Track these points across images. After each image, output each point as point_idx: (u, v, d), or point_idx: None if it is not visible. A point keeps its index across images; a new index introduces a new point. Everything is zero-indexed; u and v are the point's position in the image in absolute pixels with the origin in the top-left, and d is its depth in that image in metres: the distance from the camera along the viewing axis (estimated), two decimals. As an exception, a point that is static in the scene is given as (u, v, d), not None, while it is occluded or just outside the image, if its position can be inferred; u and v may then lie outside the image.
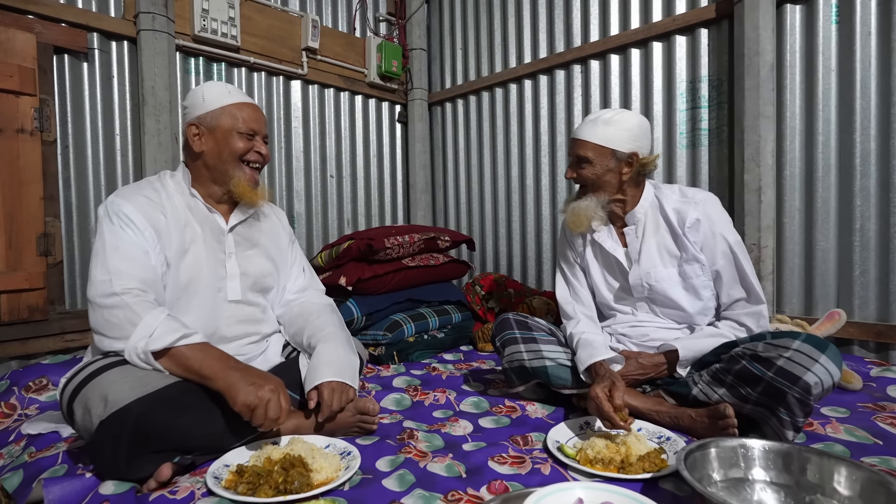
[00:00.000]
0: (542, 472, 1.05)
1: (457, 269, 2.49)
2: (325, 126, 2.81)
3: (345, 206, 2.89)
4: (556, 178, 2.63)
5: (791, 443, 1.06)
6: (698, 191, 1.41)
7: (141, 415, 0.97)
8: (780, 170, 1.88)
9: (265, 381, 1.07)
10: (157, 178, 1.32)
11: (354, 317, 2.03)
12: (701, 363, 1.31)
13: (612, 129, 1.35)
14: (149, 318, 1.08)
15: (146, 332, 1.06)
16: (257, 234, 1.41)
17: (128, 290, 1.10)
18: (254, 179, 1.33)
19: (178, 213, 1.26)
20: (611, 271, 1.50)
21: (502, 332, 1.50)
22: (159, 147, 1.99)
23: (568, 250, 1.59)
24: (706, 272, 1.37)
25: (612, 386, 1.18)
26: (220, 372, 1.06)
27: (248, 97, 1.34)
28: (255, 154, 1.32)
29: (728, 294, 1.37)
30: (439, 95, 3.14)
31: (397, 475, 1.02)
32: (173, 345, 1.06)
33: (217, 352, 1.11)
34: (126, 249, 1.16)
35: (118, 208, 1.19)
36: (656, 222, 1.42)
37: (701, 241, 1.36)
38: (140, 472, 0.98)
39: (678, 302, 1.39)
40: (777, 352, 1.10)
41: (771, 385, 1.09)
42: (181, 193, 1.30)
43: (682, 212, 1.37)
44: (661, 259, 1.40)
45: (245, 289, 1.34)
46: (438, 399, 1.54)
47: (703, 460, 0.93)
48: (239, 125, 1.28)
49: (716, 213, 1.37)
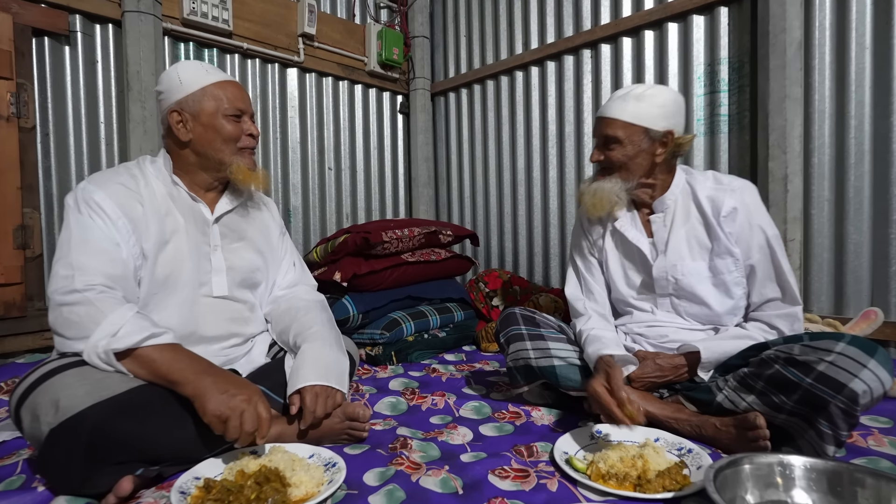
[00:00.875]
0: (549, 488, 0.94)
1: (459, 265, 2.38)
2: (322, 116, 2.70)
3: (344, 200, 2.78)
4: (563, 169, 2.50)
5: (833, 459, 0.93)
6: (735, 178, 1.29)
7: (98, 423, 0.87)
8: (807, 157, 1.75)
9: (240, 389, 0.96)
10: (136, 164, 1.22)
11: (350, 315, 1.92)
12: (726, 367, 1.18)
13: (644, 105, 1.22)
14: (114, 316, 0.97)
15: (109, 331, 0.96)
16: (245, 226, 1.31)
17: (91, 286, 1.00)
18: (252, 163, 1.24)
19: (157, 201, 1.16)
20: (632, 263, 1.37)
21: (507, 328, 1.39)
22: (145, 135, 1.89)
23: (583, 240, 1.46)
24: (739, 267, 1.24)
25: (608, 376, 1.07)
26: (191, 376, 0.96)
27: (227, 74, 1.25)
28: (248, 138, 1.23)
29: (760, 293, 1.24)
30: (442, 85, 3.02)
31: (386, 491, 0.91)
32: (139, 345, 0.96)
33: (188, 354, 1.01)
34: (94, 242, 1.05)
35: (89, 196, 1.09)
36: (687, 210, 1.29)
37: (736, 232, 1.23)
38: (97, 486, 0.88)
39: (706, 299, 1.26)
40: (817, 355, 0.97)
41: (810, 393, 0.96)
42: (162, 181, 1.20)
43: (718, 200, 1.24)
44: (690, 251, 1.27)
45: (232, 284, 1.24)
46: (437, 403, 1.43)
47: (734, 479, 0.81)
48: (224, 106, 1.18)
49: (754, 202, 1.24)
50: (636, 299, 1.37)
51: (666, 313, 1.33)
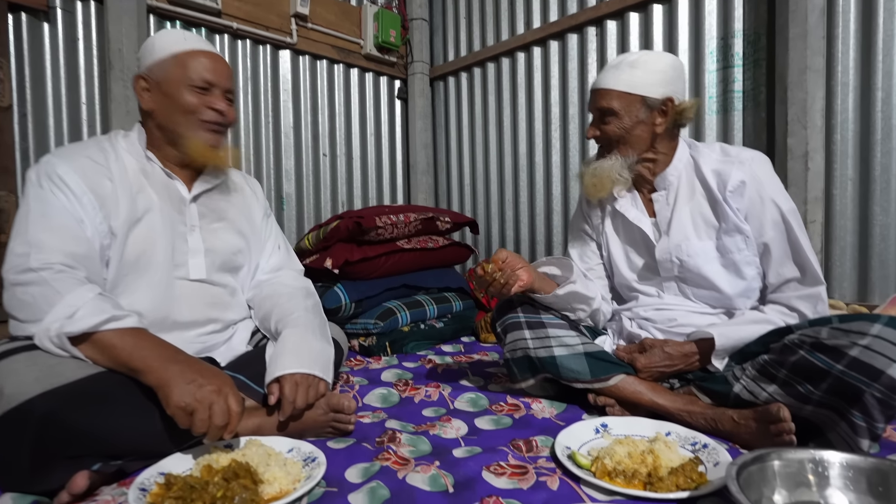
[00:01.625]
0: (549, 486, 0.85)
1: (458, 253, 2.28)
2: (317, 101, 2.61)
3: (339, 187, 2.69)
4: (567, 153, 2.39)
5: (868, 454, 0.83)
6: (744, 149, 1.19)
7: (48, 413, 0.79)
8: (829, 133, 1.64)
9: (209, 378, 0.87)
10: (107, 138, 1.13)
11: (342, 303, 1.83)
12: (743, 354, 1.08)
13: (639, 73, 1.15)
14: (71, 297, 0.89)
15: (64, 313, 0.87)
16: (226, 206, 1.23)
17: (48, 265, 0.91)
18: (213, 139, 1.12)
19: (128, 177, 1.08)
20: (634, 246, 1.29)
21: (504, 316, 1.29)
22: (127, 116, 1.81)
23: (583, 224, 1.38)
24: (750, 246, 1.14)
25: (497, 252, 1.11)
26: (154, 363, 0.87)
27: (210, 45, 1.15)
28: (211, 112, 1.11)
29: (777, 273, 1.14)
30: (441, 69, 2.92)
31: (368, 488, 0.83)
32: (97, 328, 0.87)
33: (153, 340, 0.92)
34: (54, 218, 0.97)
35: (52, 169, 1.01)
36: (691, 186, 1.20)
37: (746, 207, 1.14)
38: (48, 482, 0.80)
39: (714, 281, 1.17)
40: (849, 339, 0.86)
41: (841, 381, 0.86)
42: (134, 156, 1.11)
43: (724, 173, 1.15)
44: (696, 230, 1.18)
45: (211, 267, 1.16)
46: (430, 395, 1.34)
47: (760, 477, 0.71)
48: (189, 76, 1.08)
49: (765, 174, 1.14)
50: (640, 283, 1.29)
51: (673, 296, 1.24)
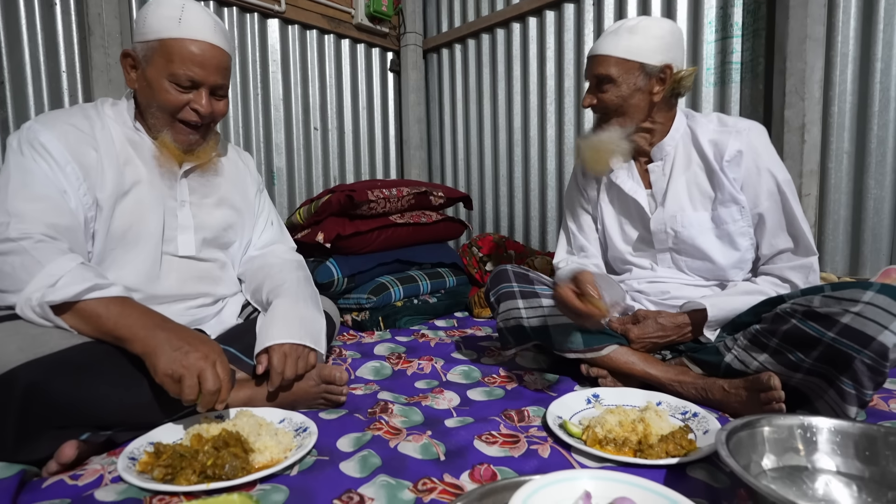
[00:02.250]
0: (540, 454, 0.85)
1: (452, 228, 2.26)
2: (307, 72, 2.54)
3: (331, 161, 2.65)
4: (562, 127, 2.36)
5: (861, 421, 0.83)
6: (742, 119, 1.18)
7: (33, 383, 0.78)
8: (827, 105, 1.61)
9: (197, 345, 0.86)
10: (94, 106, 1.08)
11: (335, 278, 1.81)
12: (735, 325, 1.09)
13: (638, 38, 1.12)
14: (52, 266, 0.86)
15: (46, 282, 0.85)
16: (218, 180, 1.19)
17: (27, 234, 0.88)
18: (186, 141, 1.06)
19: (115, 148, 1.03)
20: (629, 217, 1.28)
21: (498, 286, 1.28)
22: (109, 84, 1.75)
23: (579, 196, 1.37)
24: (745, 216, 1.14)
25: (575, 279, 0.98)
26: (141, 332, 0.85)
27: (207, 30, 1.01)
28: (190, 112, 1.03)
29: (770, 244, 1.14)
30: (435, 41, 2.84)
31: (360, 457, 0.83)
32: (80, 297, 0.85)
33: (139, 308, 0.90)
34: (36, 187, 0.94)
35: (34, 136, 0.96)
36: (688, 156, 1.18)
37: (742, 177, 1.13)
38: (35, 451, 0.80)
39: (708, 252, 1.16)
40: (841, 306, 0.86)
41: (832, 349, 0.86)
42: (122, 126, 1.06)
43: (721, 143, 1.14)
44: (692, 200, 1.17)
45: (200, 243, 1.13)
46: (423, 368, 1.34)
47: (749, 442, 0.71)
48: (175, 70, 0.98)
49: (762, 144, 1.13)
50: (634, 256, 1.28)
51: (667, 269, 1.23)
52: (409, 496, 0.72)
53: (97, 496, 0.72)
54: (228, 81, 1.08)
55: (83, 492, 0.74)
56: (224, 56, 1.04)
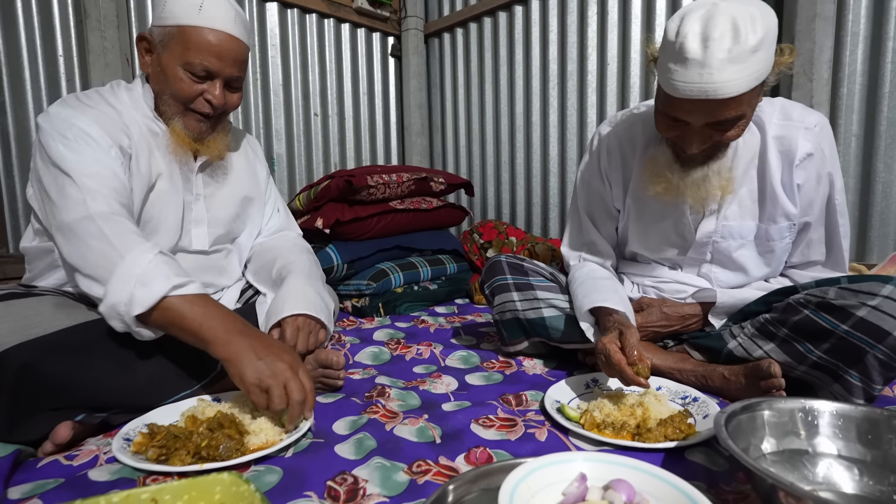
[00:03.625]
0: (537, 437, 0.84)
1: (453, 215, 2.24)
2: (307, 57, 2.51)
3: (331, 148, 2.62)
4: (565, 112, 2.32)
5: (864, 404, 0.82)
6: (807, 111, 1.00)
7: (25, 364, 0.77)
8: (835, 86, 1.58)
9: (281, 354, 0.84)
10: (110, 91, 1.03)
11: (334, 264, 1.80)
12: (743, 313, 1.05)
13: (762, 54, 0.82)
14: (131, 261, 0.83)
15: (127, 288, 0.81)
16: (230, 173, 1.16)
17: (103, 214, 0.86)
18: (197, 130, 1.02)
19: (143, 136, 1.00)
20: (662, 222, 1.11)
21: (492, 278, 1.25)
22: (106, 68, 1.73)
23: (600, 187, 1.18)
24: (793, 232, 1.04)
25: (622, 335, 0.92)
26: (224, 335, 0.83)
27: (227, 21, 0.96)
28: (202, 102, 1.00)
29: (804, 253, 1.07)
30: (436, 24, 2.80)
31: (355, 440, 0.82)
32: (163, 297, 0.82)
33: (219, 308, 0.87)
34: (91, 167, 0.90)
35: (70, 122, 0.92)
36: (750, 156, 1.02)
37: (803, 182, 0.99)
38: (30, 432, 0.80)
39: (745, 265, 1.07)
40: (858, 299, 0.84)
41: (844, 342, 0.84)
42: (141, 114, 1.02)
43: (789, 141, 0.97)
44: (741, 209, 1.03)
45: (212, 237, 1.12)
46: (422, 353, 1.33)
47: (749, 426, 0.70)
48: (191, 59, 0.95)
49: (830, 146, 1.00)
50: (656, 255, 1.16)
51: (687, 273, 1.14)
52: (403, 478, 0.71)
53: (91, 476, 0.72)
54: (244, 74, 1.04)
55: (77, 472, 0.74)
56: (242, 48, 1.00)
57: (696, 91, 0.82)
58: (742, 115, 0.87)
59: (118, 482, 0.70)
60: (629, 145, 1.13)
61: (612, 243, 1.25)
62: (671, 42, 0.85)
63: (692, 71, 0.82)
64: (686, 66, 0.82)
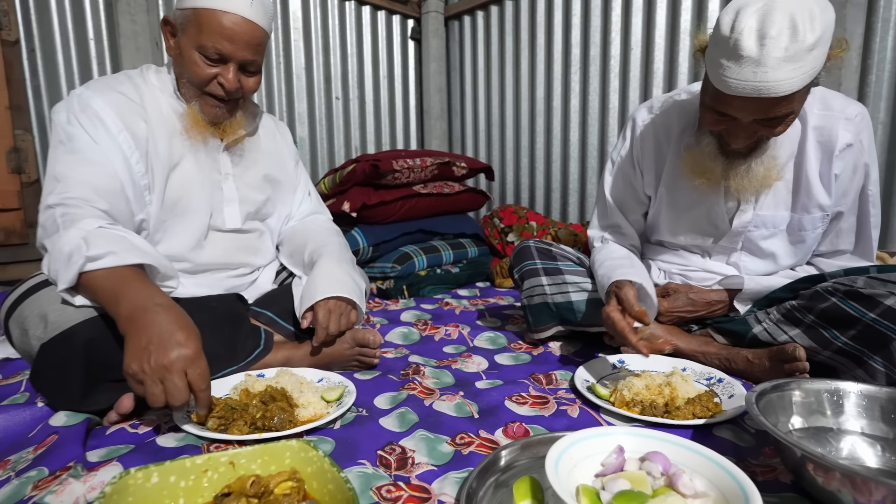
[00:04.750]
0: (570, 414, 0.89)
1: (474, 199, 2.27)
2: (328, 41, 2.52)
3: (352, 131, 2.65)
4: (587, 97, 2.32)
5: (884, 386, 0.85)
6: (848, 101, 0.99)
7: (90, 340, 0.82)
8: (864, 73, 1.57)
9: (166, 347, 0.73)
10: (139, 73, 1.06)
11: (360, 247, 1.85)
12: (769, 299, 1.07)
13: (818, 51, 0.81)
14: (61, 242, 0.84)
15: (54, 266, 0.84)
16: (257, 153, 1.19)
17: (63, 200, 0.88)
18: (213, 114, 1.04)
19: (164, 119, 1.03)
20: (694, 210, 1.11)
21: (521, 263, 1.28)
22: (137, 52, 1.76)
23: (631, 172, 1.18)
24: (825, 222, 1.05)
25: (619, 299, 0.96)
26: (125, 313, 0.77)
27: (242, 4, 0.96)
28: (216, 86, 1.00)
29: (832, 242, 1.09)
30: (457, 7, 2.78)
31: (397, 413, 0.87)
32: (79, 271, 0.81)
33: (135, 284, 0.81)
34: (82, 153, 0.94)
35: (85, 103, 0.96)
36: (792, 147, 1.01)
37: (840, 173, 1.00)
38: (97, 402, 0.85)
39: (776, 254, 1.09)
40: (887, 288, 0.86)
41: (871, 329, 0.87)
42: (168, 96, 1.05)
43: (829, 132, 0.97)
44: (776, 198, 1.04)
45: (244, 215, 1.15)
46: (450, 334, 1.38)
47: (779, 404, 0.74)
48: (203, 42, 0.95)
49: (869, 138, 1.00)
50: (685, 242, 1.18)
51: (716, 261, 1.16)
52: (447, 449, 0.76)
53: (159, 442, 0.77)
54: (261, 58, 1.04)
55: (144, 438, 0.79)
56: (257, 31, 0.99)
57: (748, 89, 0.82)
58: (791, 112, 0.87)
59: (186, 448, 0.76)
60: (664, 133, 1.13)
61: (639, 228, 1.26)
62: (725, 37, 0.83)
63: (746, 69, 0.81)
64: (740, 63, 0.81)
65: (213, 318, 0.96)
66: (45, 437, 0.76)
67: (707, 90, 0.92)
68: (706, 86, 0.93)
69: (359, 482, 0.67)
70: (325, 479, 0.57)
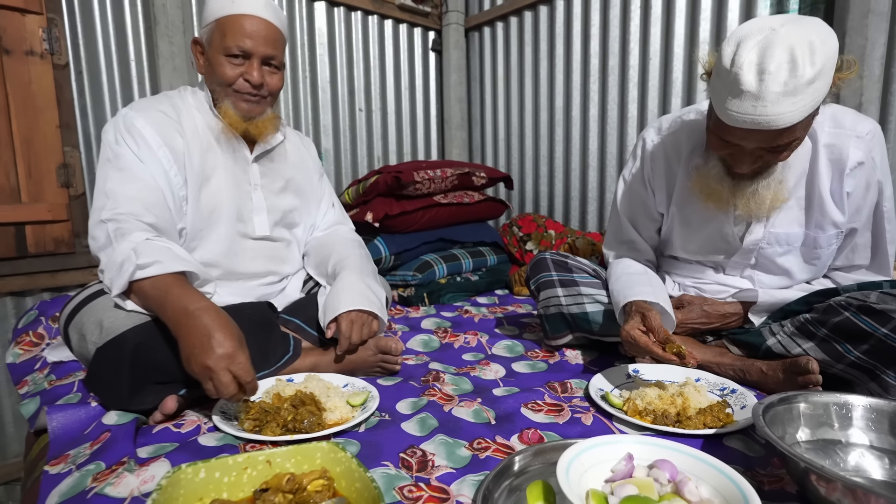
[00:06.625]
0: (583, 422, 0.92)
1: (493, 208, 2.31)
2: (352, 54, 2.60)
3: (375, 142, 2.72)
4: (605, 106, 2.34)
5: (894, 401, 0.86)
6: (859, 117, 1.00)
7: (138, 344, 0.90)
8: (887, 83, 1.55)
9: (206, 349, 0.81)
10: (178, 94, 1.18)
11: (382, 255, 1.91)
12: (784, 312, 1.09)
13: (821, 83, 0.82)
14: (116, 254, 0.95)
15: (108, 276, 0.96)
16: (284, 166, 1.28)
17: (115, 215, 0.99)
18: (245, 109, 1.12)
19: (199, 134, 1.13)
20: (707, 227, 1.13)
21: (537, 275, 1.33)
22: (174, 72, 1.87)
23: (641, 189, 1.21)
24: (840, 238, 1.07)
25: (645, 318, 0.98)
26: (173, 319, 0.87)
27: (257, 6, 1.08)
28: (243, 83, 1.09)
29: (848, 257, 1.10)
30: (477, 19, 2.84)
31: (418, 419, 0.92)
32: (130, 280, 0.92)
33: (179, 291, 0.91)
34: (129, 170, 1.04)
35: (130, 123, 1.07)
36: (802, 165, 1.03)
37: (852, 191, 1.02)
38: (144, 403, 0.92)
39: (790, 270, 1.11)
40: None
41: (883, 344, 0.88)
42: (203, 114, 1.16)
43: (839, 150, 0.98)
44: (789, 216, 1.06)
45: (273, 224, 1.24)
46: (469, 342, 1.42)
47: (786, 416, 0.76)
48: (226, 44, 1.06)
49: (881, 154, 1.01)
50: (698, 258, 1.19)
51: (730, 276, 1.18)
52: (465, 453, 0.81)
53: (200, 441, 0.84)
54: (281, 53, 1.14)
55: (187, 438, 0.86)
56: (272, 29, 1.10)
57: (748, 122, 0.84)
58: (795, 139, 0.89)
59: (224, 447, 0.82)
60: (674, 152, 1.16)
61: (653, 244, 1.29)
62: (726, 70, 0.85)
63: (746, 103, 0.83)
64: (741, 97, 0.83)
65: (248, 324, 1.03)
66: (99, 434, 0.83)
67: (711, 116, 0.96)
68: (711, 112, 0.96)
69: (382, 482, 0.72)
70: (353, 479, 0.62)
